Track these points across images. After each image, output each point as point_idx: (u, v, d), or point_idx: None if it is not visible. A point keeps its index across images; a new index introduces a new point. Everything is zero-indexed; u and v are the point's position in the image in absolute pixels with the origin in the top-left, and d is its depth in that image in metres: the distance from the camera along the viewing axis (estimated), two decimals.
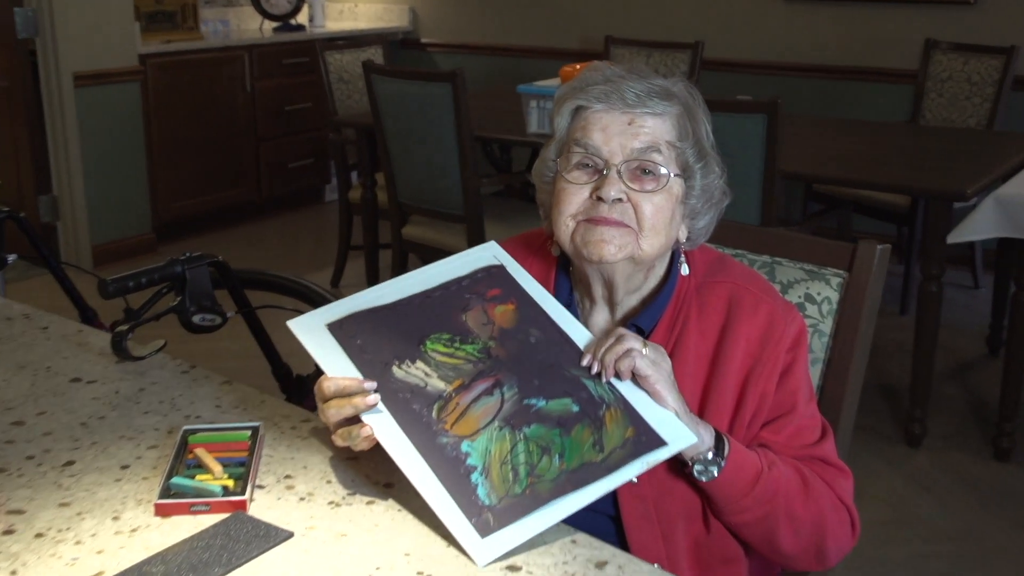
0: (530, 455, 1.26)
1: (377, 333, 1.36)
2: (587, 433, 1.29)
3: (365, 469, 1.36)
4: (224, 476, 1.30)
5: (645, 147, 1.40)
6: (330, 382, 1.31)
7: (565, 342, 1.40)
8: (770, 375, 1.43)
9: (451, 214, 3.95)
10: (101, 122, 5.18)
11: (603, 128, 1.41)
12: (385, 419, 1.28)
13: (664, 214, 1.41)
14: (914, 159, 3.63)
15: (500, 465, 1.25)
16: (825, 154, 3.70)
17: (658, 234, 1.41)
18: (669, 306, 1.47)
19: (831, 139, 3.95)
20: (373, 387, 1.29)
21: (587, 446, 1.28)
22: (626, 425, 1.31)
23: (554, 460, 1.26)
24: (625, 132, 1.41)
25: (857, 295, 1.61)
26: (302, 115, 6.19)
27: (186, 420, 1.51)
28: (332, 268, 5.02)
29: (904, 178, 3.38)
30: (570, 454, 1.27)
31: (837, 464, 1.47)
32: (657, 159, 1.41)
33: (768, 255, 1.69)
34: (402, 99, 3.90)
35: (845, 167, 3.51)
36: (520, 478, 1.24)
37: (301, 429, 1.48)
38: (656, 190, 1.41)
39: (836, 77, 5.29)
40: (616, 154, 1.40)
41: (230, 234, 5.87)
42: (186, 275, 1.81)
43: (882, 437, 3.49)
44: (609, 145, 1.41)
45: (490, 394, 1.32)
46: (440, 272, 1.46)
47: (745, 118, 3.20)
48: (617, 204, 1.40)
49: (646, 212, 1.40)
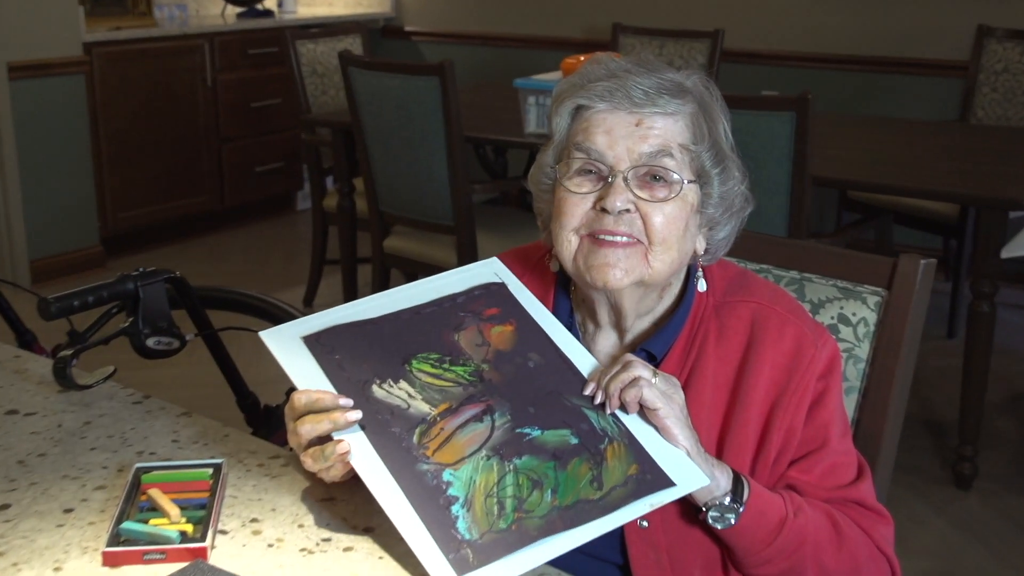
0: (519, 488, 1.27)
1: (358, 349, 1.37)
2: (585, 468, 1.30)
3: (342, 511, 1.36)
4: (182, 520, 1.30)
5: (655, 151, 1.41)
6: (304, 395, 1.31)
7: (567, 369, 1.41)
8: (798, 406, 1.44)
9: (439, 224, 3.96)
10: (40, 120, 5.19)
11: (607, 130, 1.42)
12: (360, 440, 1.29)
13: (677, 225, 1.42)
14: (963, 162, 3.64)
15: (484, 497, 1.26)
16: (862, 157, 3.72)
17: (670, 248, 1.42)
18: (684, 328, 1.48)
19: (868, 140, 3.96)
20: (350, 404, 1.30)
21: (584, 482, 1.29)
22: (629, 461, 1.31)
23: (546, 495, 1.27)
24: (632, 135, 1.41)
25: (898, 316, 1.61)
26: (270, 113, 6.21)
27: (139, 457, 1.51)
28: (304, 285, 5.02)
29: (952, 184, 3.39)
30: (564, 490, 1.28)
31: (876, 508, 1.48)
32: (668, 164, 1.41)
33: (797, 271, 1.70)
34: (383, 95, 3.91)
35: (884, 171, 3.53)
36: (506, 512, 1.25)
37: (270, 467, 1.48)
38: (668, 198, 1.41)
39: (874, 69, 5.32)
40: (622, 159, 1.41)
41: (189, 247, 5.87)
42: (139, 293, 1.82)
43: (927, 478, 3.49)
44: (614, 149, 1.41)
45: (479, 420, 1.33)
46: (434, 287, 1.48)
47: (770, 116, 3.22)
48: (624, 215, 1.41)
49: (656, 223, 1.41)
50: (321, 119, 4.66)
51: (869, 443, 1.60)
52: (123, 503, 1.33)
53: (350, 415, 1.29)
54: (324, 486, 1.39)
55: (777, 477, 1.45)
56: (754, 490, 1.38)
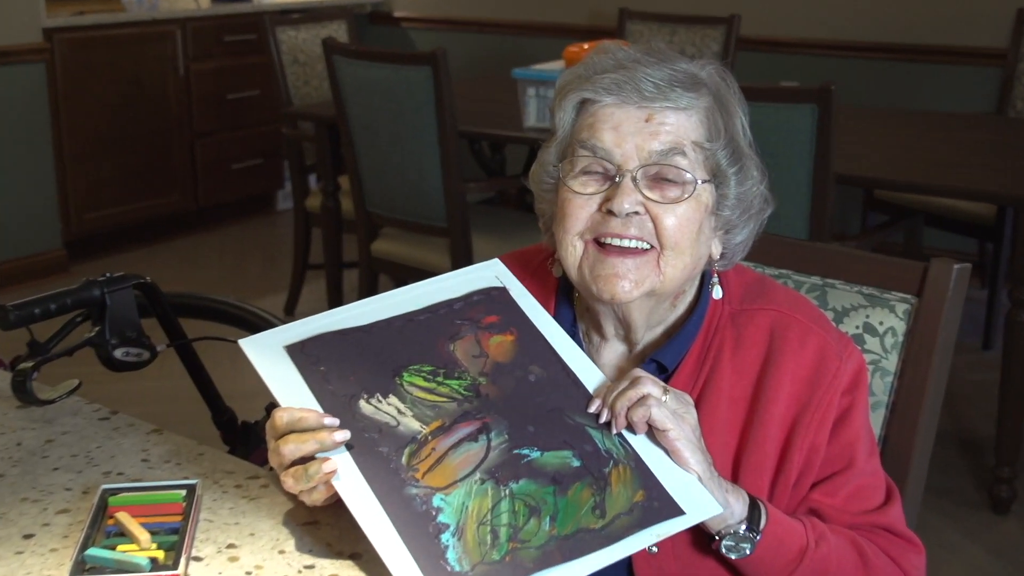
0: (515, 516, 1.27)
1: (345, 360, 1.37)
2: (587, 493, 1.30)
3: (327, 536, 1.36)
4: (152, 546, 1.30)
5: (666, 149, 1.41)
6: (285, 412, 1.31)
7: (572, 384, 1.41)
8: (821, 423, 1.44)
9: (431, 226, 3.96)
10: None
11: (615, 126, 1.42)
12: (345, 461, 1.29)
13: (690, 228, 1.42)
14: (1001, 158, 3.65)
15: (477, 525, 1.26)
16: (889, 153, 3.72)
17: (682, 253, 1.42)
18: (698, 338, 1.48)
19: (897, 134, 3.97)
20: (336, 423, 1.30)
21: (585, 509, 1.29)
22: (636, 487, 1.32)
23: (543, 523, 1.27)
24: (642, 131, 1.41)
25: (929, 325, 1.62)
26: (248, 105, 6.22)
27: (105, 478, 1.51)
28: (285, 292, 5.03)
29: (988, 182, 3.40)
30: (564, 517, 1.28)
31: (905, 535, 1.48)
32: (681, 163, 1.41)
33: (819, 276, 1.71)
34: (371, 86, 3.92)
35: (914, 169, 3.53)
36: (500, 542, 1.25)
37: (248, 488, 1.48)
38: (680, 199, 1.42)
39: (903, 58, 5.32)
40: (631, 157, 1.41)
41: (160, 250, 5.87)
42: (105, 300, 1.82)
43: (961, 501, 3.49)
44: (622, 147, 1.41)
45: (474, 440, 1.33)
46: (429, 292, 1.48)
47: (791, 109, 3.22)
48: (633, 218, 1.41)
49: (668, 226, 1.41)
50: (303, 112, 4.66)
51: (897, 463, 1.61)
52: (88, 528, 1.33)
53: (337, 435, 1.29)
54: (307, 509, 1.39)
55: (798, 501, 1.45)
56: (772, 517, 1.38)
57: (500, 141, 4.77)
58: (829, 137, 3.20)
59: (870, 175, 3.56)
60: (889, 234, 4.24)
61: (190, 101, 5.97)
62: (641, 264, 1.41)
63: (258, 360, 1.37)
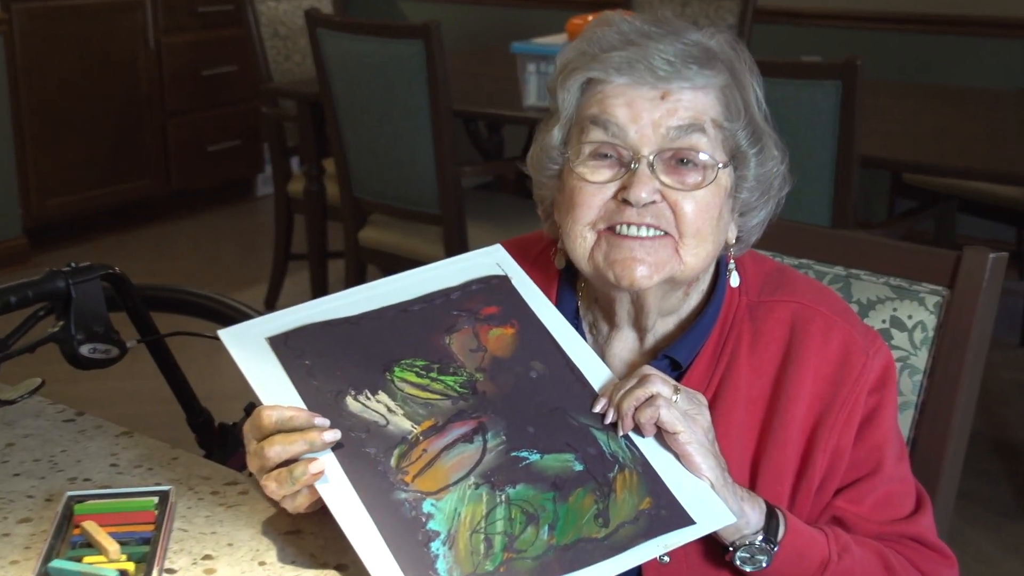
0: (511, 523, 1.27)
1: (332, 353, 1.38)
2: (589, 500, 1.30)
3: (310, 546, 1.36)
4: (122, 558, 1.30)
5: (686, 125, 1.40)
6: (273, 411, 1.31)
7: (576, 382, 1.41)
8: (846, 425, 1.44)
9: (423, 213, 3.96)
10: None
11: (628, 103, 1.42)
12: (329, 462, 1.29)
13: (711, 214, 1.42)
14: None
15: (470, 533, 1.26)
16: (919, 133, 3.72)
17: (703, 240, 1.43)
18: (713, 332, 1.49)
19: (927, 113, 3.97)
20: (326, 424, 1.30)
21: (587, 517, 1.29)
22: (643, 494, 1.32)
23: (542, 532, 1.27)
24: (658, 107, 1.41)
25: (962, 319, 1.62)
26: (225, 82, 6.22)
27: (71, 485, 1.51)
28: (266, 284, 5.03)
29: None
30: (564, 526, 1.28)
31: (937, 546, 1.48)
32: (701, 143, 1.41)
33: (842, 266, 1.71)
34: (358, 61, 3.92)
35: (946, 150, 3.53)
36: (494, 552, 1.25)
37: (225, 494, 1.48)
38: (701, 185, 1.42)
39: (935, 30, 5.32)
40: (647, 138, 1.41)
41: (130, 239, 5.87)
42: (71, 292, 1.82)
43: (995, 509, 3.49)
44: (638, 123, 1.41)
45: (469, 441, 1.33)
46: (424, 280, 1.48)
47: (812, 86, 3.22)
48: (650, 206, 1.41)
49: (687, 213, 1.41)
50: (285, 89, 4.66)
51: (928, 468, 1.61)
52: (52, 538, 1.33)
53: (327, 435, 1.29)
54: (290, 517, 1.39)
55: (821, 508, 1.46)
56: (791, 528, 1.38)
57: (498, 121, 4.77)
58: (853, 116, 3.20)
59: (898, 157, 3.56)
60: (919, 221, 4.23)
61: (162, 77, 5.96)
62: (660, 247, 1.41)
63: (238, 352, 1.37)
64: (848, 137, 3.23)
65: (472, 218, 3.96)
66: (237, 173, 6.46)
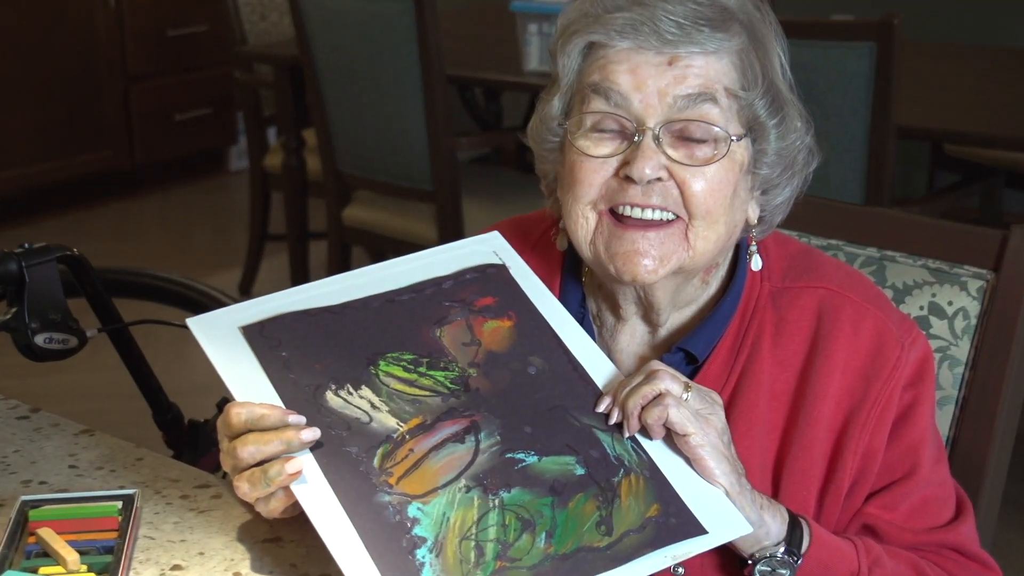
0: (504, 530, 1.28)
1: (311, 345, 1.38)
2: (591, 506, 1.31)
3: (291, 555, 1.37)
4: (82, 568, 1.30)
5: (695, 93, 1.40)
6: (242, 409, 1.32)
7: (579, 379, 1.42)
8: (879, 423, 1.45)
9: (414, 189, 3.96)
10: None
11: (632, 69, 1.41)
12: (307, 462, 1.30)
13: (723, 192, 1.42)
14: None
15: (460, 540, 1.26)
16: (963, 100, 3.72)
17: (715, 222, 1.42)
18: (733, 321, 1.49)
19: (972, 77, 3.96)
20: (302, 422, 1.31)
21: (589, 524, 1.30)
22: (650, 500, 1.32)
23: (538, 540, 1.28)
24: (664, 74, 1.40)
25: (1009, 306, 1.62)
26: (193, 44, 6.21)
27: (25, 488, 1.51)
28: (240, 267, 5.03)
29: None
30: (563, 533, 1.28)
31: (979, 557, 1.48)
32: (712, 114, 1.40)
33: (876, 248, 1.71)
34: (342, 21, 3.92)
35: (992, 119, 3.53)
36: (486, 560, 1.26)
37: (196, 498, 1.49)
38: (711, 159, 1.41)
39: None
40: (653, 108, 1.40)
41: (90, 217, 5.87)
42: (24, 276, 1.82)
43: None
44: (643, 91, 1.40)
45: (460, 440, 1.34)
46: (414, 268, 1.48)
47: (843, 48, 3.21)
48: (655, 184, 1.40)
49: (696, 191, 1.41)
50: (260, 53, 4.66)
51: (969, 470, 1.61)
52: (4, 547, 1.34)
53: (304, 434, 1.29)
54: (267, 523, 1.40)
55: (851, 515, 1.46)
56: (816, 538, 1.39)
57: (496, 88, 4.77)
58: (890, 81, 3.19)
59: (939, 126, 3.55)
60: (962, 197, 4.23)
61: (123, 38, 5.95)
62: (665, 238, 1.41)
63: (208, 343, 1.37)
64: (883, 105, 3.22)
65: (468, 194, 3.96)
66: (208, 145, 6.46)
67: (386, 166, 4.00)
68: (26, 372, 2.05)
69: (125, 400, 2.46)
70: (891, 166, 3.29)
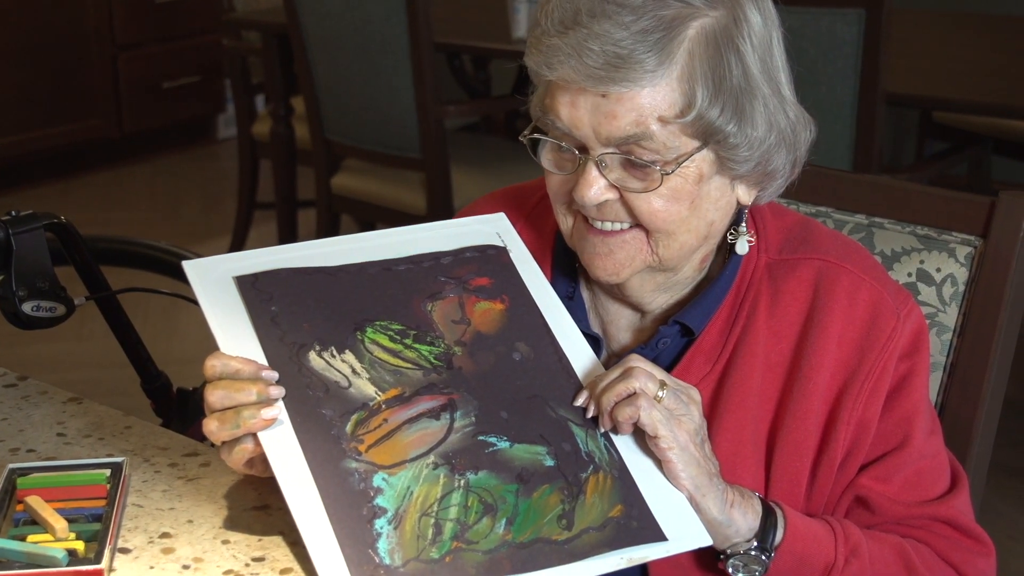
0: (466, 511, 1.28)
1: (302, 303, 1.38)
2: (555, 499, 1.31)
3: (279, 523, 1.37)
4: (70, 536, 1.30)
5: (625, 136, 1.35)
6: (216, 361, 1.31)
7: (562, 371, 1.42)
8: (873, 394, 1.44)
9: (402, 157, 3.95)
10: None
11: (571, 102, 1.37)
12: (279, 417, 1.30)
13: (676, 209, 1.39)
14: None
15: (420, 515, 1.27)
16: (952, 67, 3.71)
17: (672, 235, 1.41)
18: (728, 294, 1.48)
19: (961, 44, 3.96)
20: (274, 377, 1.30)
21: (550, 517, 1.30)
22: (614, 500, 1.33)
23: (497, 525, 1.28)
24: (597, 109, 1.36)
25: (997, 272, 1.62)
26: (182, 11, 6.18)
27: (13, 456, 1.51)
28: (229, 235, 5.02)
29: None
30: (523, 522, 1.29)
31: (972, 532, 1.47)
32: (651, 145, 1.35)
33: (864, 214, 1.71)
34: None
35: (982, 86, 3.52)
36: (443, 539, 1.26)
37: (185, 467, 1.49)
38: (651, 187, 1.37)
39: None
40: (591, 140, 1.37)
41: (77, 185, 5.86)
42: (11, 243, 1.81)
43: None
44: (580, 129, 1.37)
45: (435, 417, 1.34)
46: (416, 240, 1.48)
47: (832, 15, 3.21)
48: (607, 205, 1.40)
49: (646, 212, 1.39)
50: (248, 20, 4.64)
51: (957, 437, 1.61)
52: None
53: (272, 391, 1.29)
54: (255, 491, 1.40)
55: (844, 486, 1.46)
56: (790, 531, 1.39)
57: (485, 55, 4.75)
58: (879, 48, 3.19)
59: (928, 93, 3.56)
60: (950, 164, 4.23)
61: (110, 5, 5.92)
62: (629, 240, 1.42)
63: (201, 288, 1.37)
64: (872, 71, 3.22)
65: (457, 163, 3.95)
66: (196, 113, 6.44)
67: (375, 134, 4.00)
68: (14, 340, 2.04)
69: (113, 368, 2.46)
70: (880, 133, 3.29)
